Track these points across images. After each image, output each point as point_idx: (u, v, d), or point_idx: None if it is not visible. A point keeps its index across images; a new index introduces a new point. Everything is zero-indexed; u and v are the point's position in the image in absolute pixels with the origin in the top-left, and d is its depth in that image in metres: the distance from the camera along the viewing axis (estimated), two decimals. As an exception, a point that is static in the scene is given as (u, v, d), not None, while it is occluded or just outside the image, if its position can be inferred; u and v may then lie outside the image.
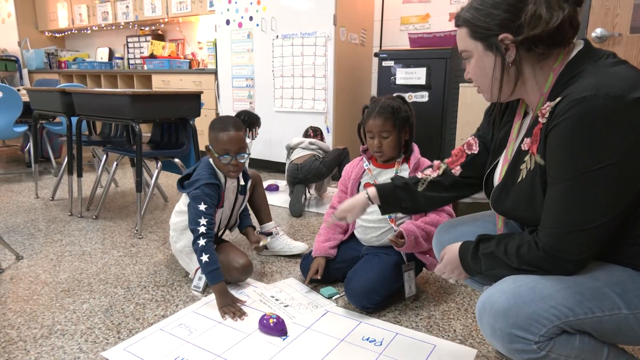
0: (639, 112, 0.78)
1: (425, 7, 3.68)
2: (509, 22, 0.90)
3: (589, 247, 0.85)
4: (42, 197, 3.09)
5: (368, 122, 1.62)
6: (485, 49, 0.95)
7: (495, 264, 0.94)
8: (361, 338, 1.38)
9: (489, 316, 0.90)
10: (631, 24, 2.92)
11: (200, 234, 1.58)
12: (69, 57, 6.36)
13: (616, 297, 0.84)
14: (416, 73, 3.15)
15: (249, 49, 3.87)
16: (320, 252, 1.67)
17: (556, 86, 0.90)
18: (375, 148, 1.62)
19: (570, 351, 0.87)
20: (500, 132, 1.10)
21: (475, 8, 0.95)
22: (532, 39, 0.88)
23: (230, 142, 1.64)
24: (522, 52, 0.91)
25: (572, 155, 0.82)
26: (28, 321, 1.49)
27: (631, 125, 0.78)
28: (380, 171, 1.67)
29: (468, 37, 0.97)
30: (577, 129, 0.81)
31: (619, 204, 0.82)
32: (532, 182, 0.92)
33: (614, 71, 0.83)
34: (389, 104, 1.59)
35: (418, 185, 1.24)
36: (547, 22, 0.87)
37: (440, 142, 3.14)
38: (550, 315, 0.84)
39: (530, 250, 0.89)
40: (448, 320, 1.51)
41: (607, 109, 0.78)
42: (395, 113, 1.58)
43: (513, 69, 0.93)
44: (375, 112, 1.59)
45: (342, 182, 1.77)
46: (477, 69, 0.98)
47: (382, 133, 1.59)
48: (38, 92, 2.94)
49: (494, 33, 0.92)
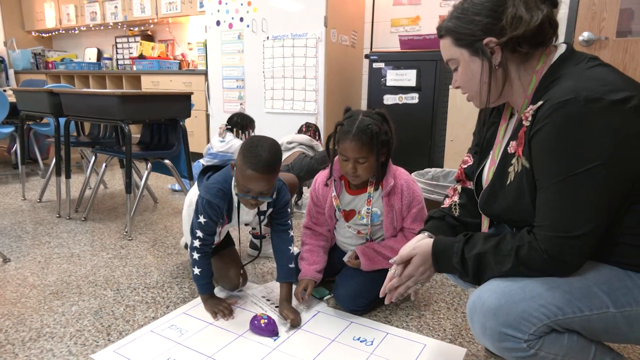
0: (618, 114, 0.79)
1: (416, 10, 3.71)
2: (492, 25, 0.92)
3: (587, 250, 0.86)
4: (30, 199, 3.05)
5: (343, 144, 1.43)
6: (472, 55, 0.96)
7: (485, 266, 0.94)
8: (352, 338, 1.38)
9: (479, 315, 0.91)
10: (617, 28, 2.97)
11: (194, 248, 1.47)
12: (56, 57, 6.29)
13: (604, 295, 0.85)
14: (406, 75, 3.18)
15: (240, 50, 3.86)
16: (307, 276, 1.57)
17: (539, 89, 0.92)
18: (349, 172, 1.46)
19: (559, 349, 0.88)
20: (488, 133, 1.12)
21: (456, 17, 0.97)
22: (515, 39, 0.91)
23: (257, 184, 1.33)
24: (507, 53, 0.93)
25: (557, 158, 0.84)
26: (16, 324, 1.47)
27: (610, 127, 0.80)
28: (352, 199, 1.56)
29: (453, 45, 0.99)
30: (559, 132, 0.82)
31: (610, 204, 0.83)
32: (519, 184, 0.94)
33: (593, 74, 0.85)
34: (368, 126, 1.40)
35: (452, 211, 1.19)
36: (528, 22, 0.89)
37: (430, 144, 3.17)
38: (539, 314, 0.85)
39: (532, 252, 0.88)
40: (438, 320, 1.52)
41: (587, 112, 0.80)
42: (374, 138, 1.40)
43: (500, 72, 0.95)
44: (352, 134, 1.40)
45: (317, 204, 1.64)
46: (465, 76, 1.00)
47: (358, 159, 1.43)
48: (25, 93, 2.90)
49: (478, 38, 0.94)
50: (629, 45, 2.95)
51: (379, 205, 1.54)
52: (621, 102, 0.79)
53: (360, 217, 1.56)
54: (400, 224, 1.55)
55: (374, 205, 1.54)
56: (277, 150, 1.37)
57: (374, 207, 1.54)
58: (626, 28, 2.97)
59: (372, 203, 1.53)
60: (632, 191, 0.84)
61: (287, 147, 2.86)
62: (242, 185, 1.35)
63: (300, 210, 2.85)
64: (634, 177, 0.83)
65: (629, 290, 0.85)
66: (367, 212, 1.54)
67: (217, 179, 1.47)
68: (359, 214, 1.56)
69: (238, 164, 1.35)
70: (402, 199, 1.52)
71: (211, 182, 1.47)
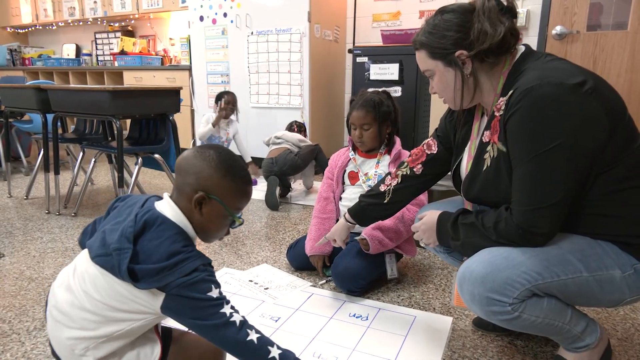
0: (576, 97, 0.90)
1: (397, 5, 3.80)
2: (462, 40, 1.03)
3: (556, 220, 0.96)
4: (16, 196, 3.03)
5: (352, 113, 1.72)
6: (445, 66, 1.08)
7: (472, 233, 1.05)
8: (348, 315, 1.47)
9: (468, 283, 1.00)
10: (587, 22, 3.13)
11: (241, 324, 0.88)
12: (33, 53, 6.17)
13: (577, 262, 0.96)
14: (389, 69, 3.27)
15: (224, 46, 3.89)
16: (316, 252, 1.73)
17: (506, 85, 1.04)
18: (356, 138, 1.73)
19: (539, 312, 0.98)
20: (462, 131, 1.23)
21: (429, 32, 1.08)
22: (482, 52, 1.02)
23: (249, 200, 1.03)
24: (477, 63, 1.05)
25: (529, 139, 0.94)
26: (19, 315, 1.50)
27: (574, 107, 0.91)
28: (363, 160, 1.79)
29: (428, 57, 1.10)
30: (529, 115, 0.93)
31: (573, 178, 0.94)
32: (497, 168, 1.04)
33: (552, 66, 0.98)
34: (372, 98, 1.70)
35: (384, 197, 1.37)
36: (493, 36, 1.00)
37: (413, 135, 3.27)
38: (522, 279, 0.95)
39: (508, 227, 0.99)
40: (427, 300, 1.61)
41: (552, 95, 0.91)
42: (377, 107, 1.68)
43: (471, 80, 1.07)
44: (358, 105, 1.70)
45: (329, 170, 1.86)
46: (441, 84, 1.12)
47: (363, 125, 1.70)
48: (10, 89, 2.88)
49: (450, 51, 1.05)
50: (599, 38, 3.11)
51: (386, 170, 1.73)
52: (579, 85, 0.90)
53: (368, 179, 1.75)
54: None
55: (381, 169, 1.75)
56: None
57: (380, 169, 1.75)
58: (596, 22, 3.12)
59: (380, 167, 1.75)
60: (594, 166, 0.95)
61: (275, 141, 2.93)
62: (236, 207, 0.99)
63: (288, 203, 2.91)
64: (595, 153, 0.93)
65: (599, 256, 0.96)
66: (374, 173, 1.74)
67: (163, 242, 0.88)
68: (366, 176, 1.76)
69: (223, 187, 0.94)
70: None
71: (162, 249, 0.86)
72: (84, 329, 0.87)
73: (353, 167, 1.79)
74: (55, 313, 0.91)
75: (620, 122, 0.95)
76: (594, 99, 0.91)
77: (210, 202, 0.92)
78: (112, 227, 0.90)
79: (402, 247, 1.69)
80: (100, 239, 0.90)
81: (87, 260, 0.92)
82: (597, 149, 0.93)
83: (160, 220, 0.89)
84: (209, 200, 0.92)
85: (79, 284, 0.90)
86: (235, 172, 0.96)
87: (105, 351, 0.89)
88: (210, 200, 0.92)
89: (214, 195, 0.92)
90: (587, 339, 1.07)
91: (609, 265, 0.96)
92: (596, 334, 1.08)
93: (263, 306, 1.53)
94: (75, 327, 0.88)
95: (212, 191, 0.92)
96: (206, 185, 0.92)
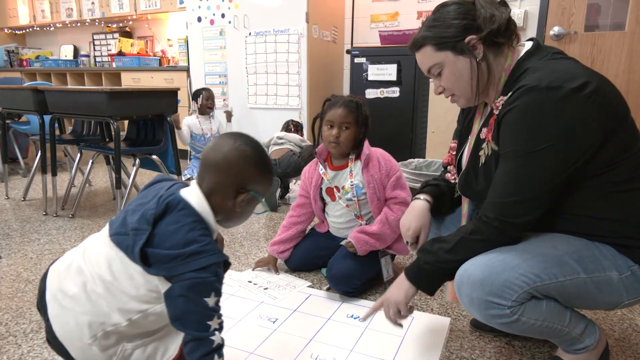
0: (573, 102, 0.90)
1: (395, 6, 3.80)
2: (470, 26, 1.03)
3: (532, 214, 0.97)
4: (13, 198, 3.02)
5: (329, 111, 1.62)
6: (456, 55, 1.06)
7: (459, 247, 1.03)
8: (346, 316, 1.47)
9: (466, 287, 1.00)
10: (585, 22, 3.13)
11: (215, 348, 0.87)
12: (30, 55, 6.16)
13: (574, 263, 0.96)
14: (387, 69, 3.26)
15: (222, 46, 3.88)
16: (272, 253, 1.81)
17: (507, 82, 1.04)
18: (332, 138, 1.61)
19: (538, 315, 0.98)
20: (466, 120, 1.24)
21: (431, 26, 1.07)
22: (493, 32, 1.02)
23: None
24: (486, 47, 1.04)
25: (519, 138, 0.95)
26: (16, 317, 1.49)
27: (565, 114, 0.90)
28: (335, 174, 1.71)
29: (434, 51, 1.07)
30: (522, 116, 0.94)
31: (555, 179, 0.94)
32: (489, 166, 1.05)
33: (555, 66, 0.97)
34: (353, 99, 1.64)
35: (455, 192, 1.30)
36: (500, 17, 1.02)
37: (411, 136, 3.27)
38: (520, 282, 0.95)
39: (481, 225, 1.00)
40: (425, 301, 1.61)
41: (547, 99, 0.91)
42: (359, 108, 1.62)
43: (484, 65, 1.05)
44: (339, 103, 1.62)
45: (303, 188, 1.80)
46: (452, 75, 1.08)
47: (343, 124, 1.60)
48: (7, 91, 2.87)
49: (459, 38, 1.04)
50: (597, 38, 3.11)
51: (361, 179, 1.66)
52: (577, 89, 0.90)
53: (346, 192, 1.68)
54: (383, 195, 1.66)
55: (356, 178, 1.67)
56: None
57: (355, 179, 1.67)
58: (594, 22, 3.13)
59: (354, 176, 1.67)
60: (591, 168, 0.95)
61: (277, 142, 2.93)
62: (265, 193, 1.05)
63: (287, 204, 2.91)
64: (585, 158, 0.93)
65: (596, 258, 0.96)
66: (350, 184, 1.66)
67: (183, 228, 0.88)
68: (344, 189, 1.69)
69: (262, 185, 1.00)
70: (380, 168, 1.65)
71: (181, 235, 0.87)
72: (95, 315, 0.87)
73: (328, 183, 1.72)
74: (60, 296, 0.89)
75: (621, 124, 0.94)
76: (592, 103, 0.90)
77: (248, 196, 0.96)
78: (135, 207, 0.92)
79: (393, 247, 1.69)
80: (122, 218, 0.91)
81: (102, 242, 0.92)
82: (587, 154, 0.93)
83: (182, 205, 0.89)
84: (247, 195, 0.95)
85: (91, 266, 0.89)
86: (268, 166, 1.01)
87: (113, 340, 0.89)
88: (248, 195, 0.95)
89: (254, 190, 0.96)
90: (586, 340, 1.07)
91: (606, 267, 0.95)
92: (595, 335, 1.08)
93: (261, 307, 1.52)
94: (86, 312, 0.87)
95: (252, 187, 0.96)
96: (247, 183, 0.95)
